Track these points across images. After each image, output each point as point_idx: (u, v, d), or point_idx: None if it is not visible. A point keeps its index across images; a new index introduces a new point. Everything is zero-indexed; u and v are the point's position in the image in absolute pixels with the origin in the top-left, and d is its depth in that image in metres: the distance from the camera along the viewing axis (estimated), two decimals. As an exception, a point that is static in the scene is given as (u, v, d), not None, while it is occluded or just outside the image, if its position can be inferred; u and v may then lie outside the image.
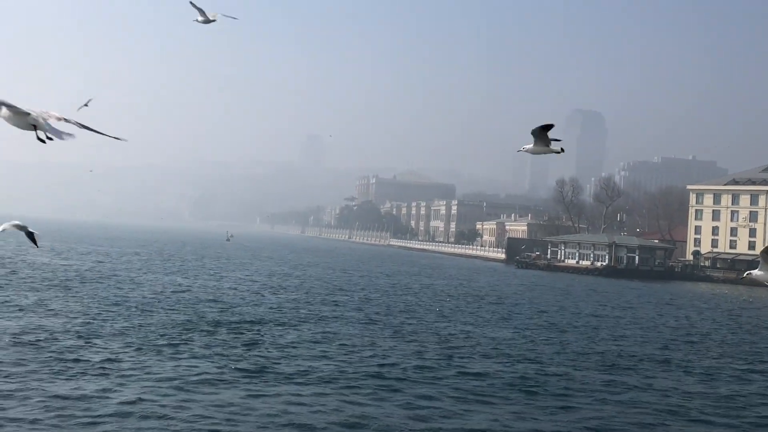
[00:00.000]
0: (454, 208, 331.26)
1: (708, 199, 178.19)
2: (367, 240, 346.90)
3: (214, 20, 22.23)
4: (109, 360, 33.01)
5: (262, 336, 42.27)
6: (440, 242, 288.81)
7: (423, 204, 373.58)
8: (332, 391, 29.83)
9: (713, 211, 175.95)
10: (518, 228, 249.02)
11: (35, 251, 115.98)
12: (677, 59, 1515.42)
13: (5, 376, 28.72)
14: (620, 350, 45.96)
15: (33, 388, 27.31)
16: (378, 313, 57.98)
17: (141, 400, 26.74)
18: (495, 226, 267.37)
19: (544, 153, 15.15)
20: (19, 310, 47.09)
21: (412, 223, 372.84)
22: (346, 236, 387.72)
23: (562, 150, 15.20)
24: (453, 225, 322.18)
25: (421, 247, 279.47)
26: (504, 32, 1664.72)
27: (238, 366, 33.36)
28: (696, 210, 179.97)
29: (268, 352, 37.48)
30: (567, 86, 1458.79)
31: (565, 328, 56.31)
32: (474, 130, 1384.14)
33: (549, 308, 72.32)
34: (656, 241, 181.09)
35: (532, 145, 15.09)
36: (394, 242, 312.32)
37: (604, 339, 51.09)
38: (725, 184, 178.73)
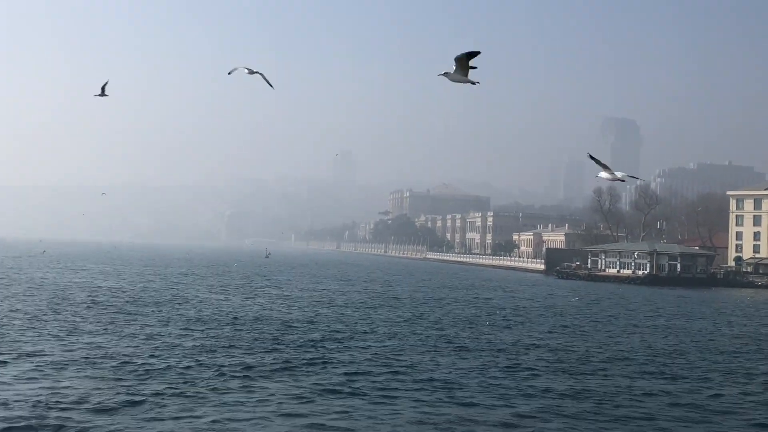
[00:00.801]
0: (490, 219, 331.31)
1: (748, 205, 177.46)
2: (404, 254, 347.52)
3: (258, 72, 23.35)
4: (187, 383, 33.90)
5: (329, 353, 42.86)
6: (477, 254, 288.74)
7: (458, 216, 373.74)
8: (407, 409, 30.44)
9: (754, 216, 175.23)
10: (556, 238, 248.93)
11: (87, 275, 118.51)
12: (712, 64, 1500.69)
13: (86, 402, 29.64)
14: (683, 360, 46.33)
15: (113, 416, 28.19)
16: (437, 327, 58.60)
17: (223, 422, 27.59)
18: (532, 237, 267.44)
19: (462, 82, 16.76)
20: (88, 333, 48.34)
21: (448, 235, 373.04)
22: (382, 250, 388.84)
23: (478, 82, 16.74)
24: (489, 237, 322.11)
25: (459, 259, 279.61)
26: (531, 42, 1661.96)
27: (314, 385, 34.16)
28: (736, 216, 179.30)
29: (337, 369, 38.10)
30: (598, 95, 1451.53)
31: (623, 337, 56.78)
32: (504, 142, 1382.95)
33: (602, 318, 72.85)
34: (697, 248, 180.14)
35: (453, 71, 16.39)
36: (431, 255, 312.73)
37: (665, 349, 51.28)
38: (766, 189, 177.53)
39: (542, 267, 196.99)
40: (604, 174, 21.04)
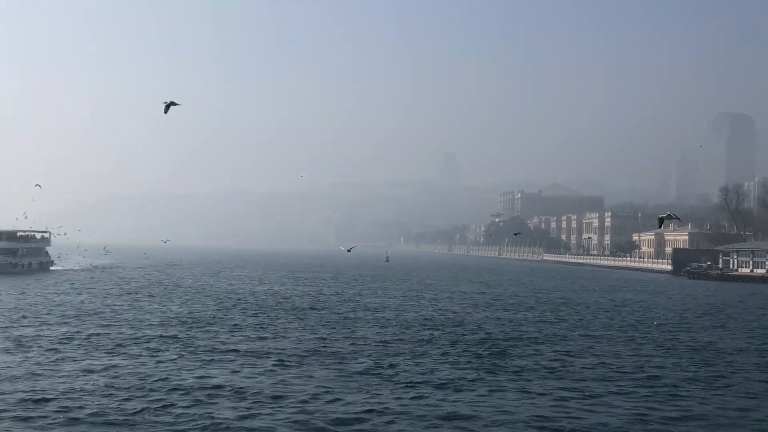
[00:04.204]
0: (608, 220, 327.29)
1: None
2: (519, 256, 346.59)
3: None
4: (415, 381, 37.28)
5: (540, 355, 46.04)
6: (596, 255, 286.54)
7: (574, 217, 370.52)
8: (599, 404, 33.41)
9: None
10: (679, 238, 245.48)
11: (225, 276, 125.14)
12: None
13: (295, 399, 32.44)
14: None
15: (349, 405, 31.17)
16: (609, 328, 61.57)
17: (462, 419, 29.99)
18: (653, 237, 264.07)
19: None
20: (275, 331, 53.48)
21: (563, 236, 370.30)
22: (496, 253, 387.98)
23: None
24: (606, 237, 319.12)
25: (577, 261, 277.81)
26: (638, 37, 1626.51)
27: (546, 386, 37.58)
28: None
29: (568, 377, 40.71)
30: (710, 89, 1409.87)
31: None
32: (612, 140, 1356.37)
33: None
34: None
35: None
36: (548, 257, 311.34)
37: None
38: None
39: (669, 267, 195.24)
40: None
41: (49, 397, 31.27)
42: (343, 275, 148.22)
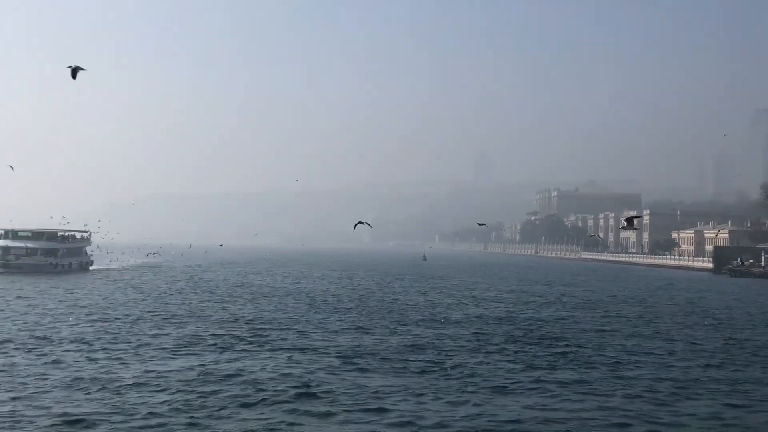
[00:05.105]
0: (647, 218, 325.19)
1: None
2: (556, 254, 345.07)
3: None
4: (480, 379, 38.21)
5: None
6: (634, 254, 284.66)
7: (611, 215, 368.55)
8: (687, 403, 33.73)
9: None
10: (719, 236, 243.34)
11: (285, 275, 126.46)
12: None
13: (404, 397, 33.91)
14: None
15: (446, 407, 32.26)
16: (661, 325, 61.67)
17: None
18: (693, 235, 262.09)
19: None
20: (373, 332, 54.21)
21: (601, 234, 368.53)
22: (533, 251, 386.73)
23: None
24: (645, 235, 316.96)
25: (616, 259, 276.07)
26: (673, 33, 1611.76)
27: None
28: None
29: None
30: (747, 85, 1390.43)
31: None
32: (648, 137, 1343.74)
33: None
34: None
35: None
36: (586, 255, 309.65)
37: None
38: None
39: (710, 265, 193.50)
40: None
41: (126, 392, 32.14)
42: (384, 275, 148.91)
